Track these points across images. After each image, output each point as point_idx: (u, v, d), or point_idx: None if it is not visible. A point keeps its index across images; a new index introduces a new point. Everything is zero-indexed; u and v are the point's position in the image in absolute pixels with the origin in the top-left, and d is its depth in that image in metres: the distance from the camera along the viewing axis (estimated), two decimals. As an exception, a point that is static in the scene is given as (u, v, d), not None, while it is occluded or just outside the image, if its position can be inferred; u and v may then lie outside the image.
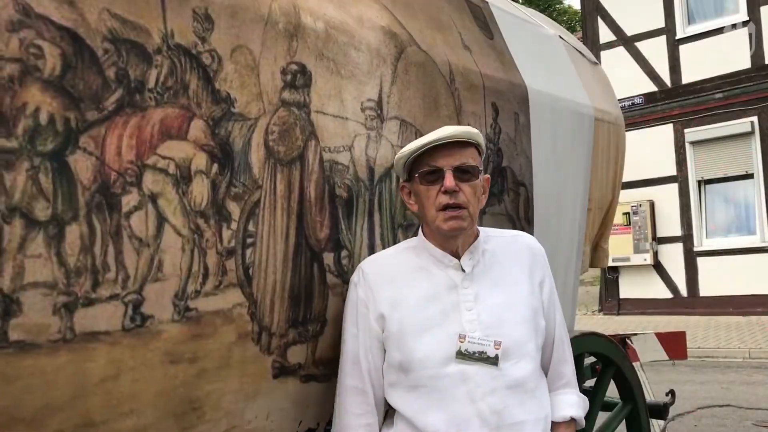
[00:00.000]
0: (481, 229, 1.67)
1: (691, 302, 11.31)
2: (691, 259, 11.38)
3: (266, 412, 1.53)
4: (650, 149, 11.37)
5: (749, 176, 10.97)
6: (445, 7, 2.26)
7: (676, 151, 11.55)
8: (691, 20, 11.59)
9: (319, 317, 1.62)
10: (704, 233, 11.36)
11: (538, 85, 2.57)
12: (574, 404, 1.65)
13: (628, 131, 4.04)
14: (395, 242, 1.83)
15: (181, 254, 1.29)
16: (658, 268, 11.75)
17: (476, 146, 1.59)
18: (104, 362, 1.17)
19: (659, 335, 3.66)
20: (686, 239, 11.43)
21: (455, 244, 1.58)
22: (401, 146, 1.83)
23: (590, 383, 2.91)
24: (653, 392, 3.68)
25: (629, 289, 12.07)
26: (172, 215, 1.28)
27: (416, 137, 1.87)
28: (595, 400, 2.68)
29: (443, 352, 1.49)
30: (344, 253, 1.69)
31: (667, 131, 11.64)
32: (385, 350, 1.56)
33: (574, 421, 1.65)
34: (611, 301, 12.30)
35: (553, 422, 1.60)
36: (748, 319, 10.32)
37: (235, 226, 1.41)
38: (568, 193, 2.81)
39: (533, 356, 1.55)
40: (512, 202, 2.38)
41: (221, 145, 1.38)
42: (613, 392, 2.94)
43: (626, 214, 11.65)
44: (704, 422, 5.34)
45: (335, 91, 1.67)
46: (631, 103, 11.65)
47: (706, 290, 11.19)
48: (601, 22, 12.50)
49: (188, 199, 1.31)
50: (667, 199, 11.66)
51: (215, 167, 1.37)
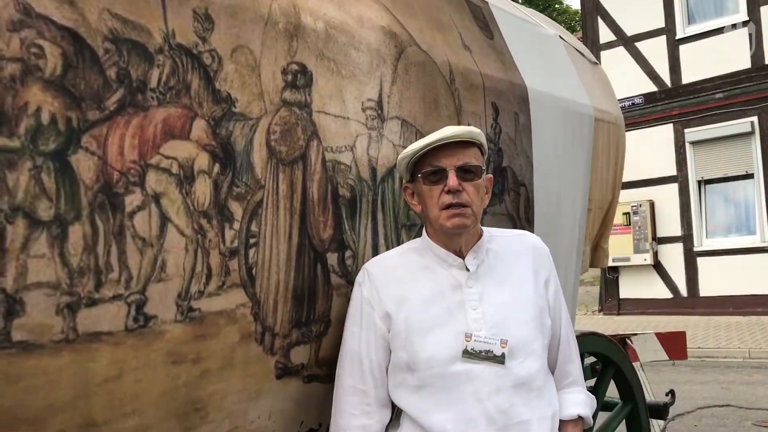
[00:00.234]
0: (485, 228, 1.66)
1: (691, 302, 11.30)
2: (691, 259, 11.38)
3: (268, 412, 1.53)
4: (650, 149, 11.37)
5: (749, 176, 10.97)
6: (445, 7, 2.26)
7: (676, 151, 11.55)
8: (691, 20, 11.59)
9: (322, 318, 1.62)
10: (704, 233, 11.36)
11: (538, 85, 2.57)
12: (581, 403, 1.65)
13: (628, 131, 4.04)
14: (399, 242, 1.83)
15: (184, 254, 1.29)
16: (658, 268, 11.75)
17: (479, 146, 1.59)
18: (107, 362, 1.17)
19: (659, 335, 3.66)
20: (686, 239, 11.43)
21: (459, 243, 1.58)
22: (403, 146, 1.83)
23: (590, 383, 2.90)
24: (653, 392, 3.67)
25: (629, 289, 12.07)
26: (175, 215, 1.28)
27: (417, 137, 1.87)
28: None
29: (449, 351, 1.48)
30: (348, 253, 1.69)
31: (667, 131, 11.64)
32: (390, 350, 1.56)
33: (581, 419, 1.64)
34: (611, 301, 12.31)
35: (560, 421, 1.59)
36: (748, 319, 10.32)
37: (237, 226, 1.41)
38: (568, 193, 2.81)
39: (540, 355, 1.55)
40: (512, 202, 2.38)
41: (223, 145, 1.38)
42: (613, 392, 2.94)
43: (626, 214, 11.65)
44: (704, 422, 5.34)
45: (336, 91, 1.67)
46: (631, 103, 11.65)
47: (706, 290, 11.19)
48: (601, 22, 12.51)
49: (191, 199, 1.31)
50: (667, 199, 11.66)
51: (217, 167, 1.37)
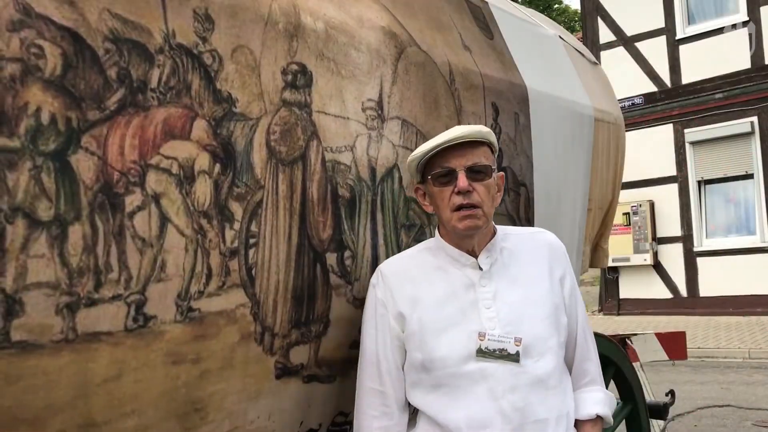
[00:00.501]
0: (498, 227, 1.65)
1: (691, 302, 11.30)
2: (691, 259, 11.38)
3: (268, 412, 1.53)
4: (650, 149, 11.37)
5: (749, 176, 10.97)
6: (445, 7, 2.26)
7: (676, 151, 11.55)
8: (691, 20, 11.59)
9: (321, 318, 1.62)
10: (704, 233, 11.36)
11: (538, 85, 2.57)
12: (599, 401, 1.62)
13: (628, 131, 4.05)
14: (398, 242, 1.83)
15: (184, 254, 1.29)
16: (658, 268, 11.75)
17: (489, 145, 1.58)
18: (107, 363, 1.17)
19: (659, 335, 3.66)
20: (686, 239, 11.43)
21: (472, 243, 1.57)
22: (403, 146, 1.83)
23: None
24: (653, 392, 3.67)
25: (629, 289, 12.07)
26: (175, 215, 1.28)
27: (417, 137, 1.87)
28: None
29: (463, 350, 1.48)
30: (347, 253, 1.69)
31: (667, 131, 11.64)
32: (405, 350, 1.56)
33: (600, 419, 1.61)
34: (611, 301, 12.31)
35: (579, 420, 1.57)
36: (748, 319, 10.32)
37: (237, 226, 1.41)
38: (568, 193, 2.81)
39: (555, 352, 1.53)
40: (513, 202, 2.38)
41: (223, 145, 1.38)
42: (612, 392, 2.94)
43: (626, 214, 11.65)
44: (704, 422, 5.34)
45: (336, 91, 1.67)
46: (631, 103, 11.65)
47: (706, 290, 11.19)
48: (601, 22, 12.51)
49: (191, 199, 1.31)
50: (667, 199, 11.66)
51: (218, 167, 1.37)
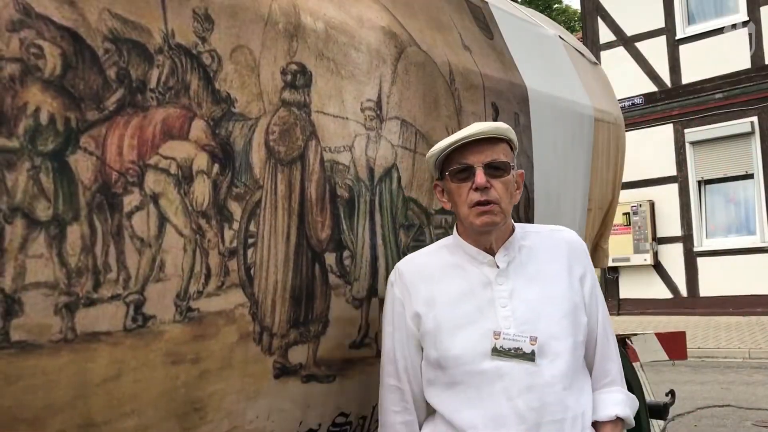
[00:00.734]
0: (517, 225, 1.64)
1: (691, 302, 11.30)
2: (691, 259, 11.37)
3: (267, 412, 1.53)
4: (650, 149, 11.37)
5: (749, 176, 10.97)
6: (445, 7, 2.26)
7: (676, 151, 11.55)
8: (691, 20, 11.58)
9: (320, 318, 1.62)
10: (704, 233, 11.36)
11: (538, 85, 2.57)
12: (620, 402, 1.57)
13: (628, 131, 4.04)
14: (397, 243, 1.83)
15: (182, 254, 1.29)
16: (658, 268, 11.75)
17: (508, 142, 1.56)
18: (106, 363, 1.17)
19: (659, 335, 3.66)
20: (686, 239, 11.43)
21: (489, 240, 1.56)
22: (401, 146, 1.83)
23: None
24: (653, 392, 3.66)
25: (629, 289, 12.07)
26: (173, 215, 1.28)
27: (416, 138, 1.87)
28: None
29: (478, 348, 1.47)
30: (346, 253, 1.69)
31: (667, 131, 11.64)
32: (422, 348, 1.56)
33: (621, 420, 1.56)
34: (611, 301, 12.29)
35: (599, 422, 1.53)
36: (748, 319, 10.32)
37: (236, 226, 1.41)
38: (568, 193, 2.81)
39: (572, 352, 1.50)
40: (513, 202, 2.38)
41: (222, 145, 1.38)
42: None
43: (626, 214, 11.65)
44: (704, 422, 5.33)
45: (335, 91, 1.67)
46: (631, 103, 11.65)
47: (706, 290, 11.19)
48: (601, 22, 12.50)
49: (190, 199, 1.31)
50: (667, 199, 11.66)
51: (216, 167, 1.37)
